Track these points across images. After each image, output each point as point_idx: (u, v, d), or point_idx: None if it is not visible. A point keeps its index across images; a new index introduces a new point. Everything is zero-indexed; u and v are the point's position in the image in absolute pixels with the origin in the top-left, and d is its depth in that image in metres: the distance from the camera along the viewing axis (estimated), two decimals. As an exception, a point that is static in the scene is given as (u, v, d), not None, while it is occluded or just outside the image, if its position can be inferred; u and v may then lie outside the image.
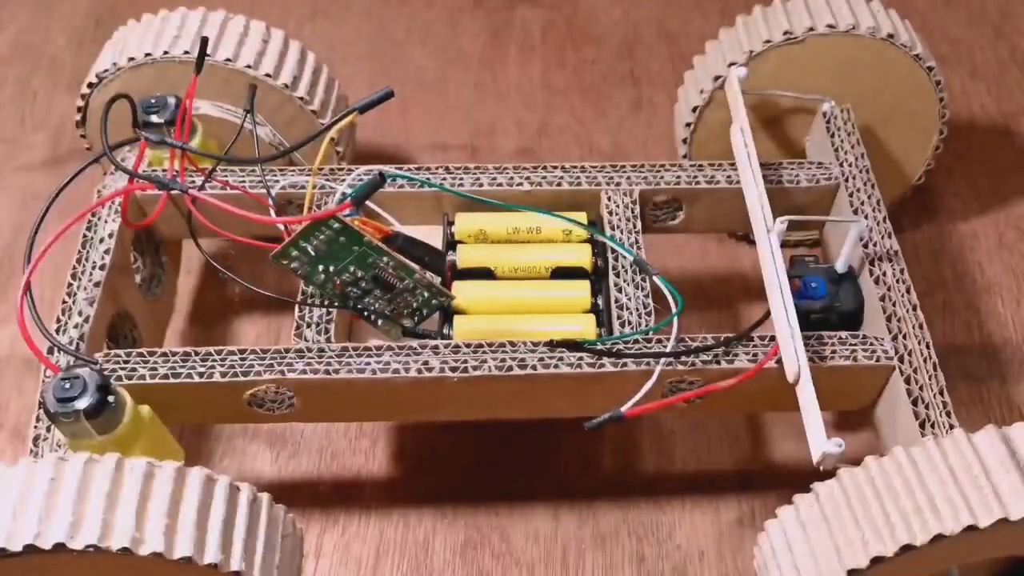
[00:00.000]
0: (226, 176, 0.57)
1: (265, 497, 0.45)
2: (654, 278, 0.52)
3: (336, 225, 0.47)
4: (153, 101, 0.58)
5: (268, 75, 0.61)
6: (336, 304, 0.51)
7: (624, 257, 0.54)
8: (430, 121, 0.83)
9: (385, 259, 0.49)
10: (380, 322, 0.51)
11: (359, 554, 0.58)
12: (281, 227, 0.50)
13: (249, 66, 0.61)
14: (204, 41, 0.54)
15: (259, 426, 0.63)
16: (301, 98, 0.63)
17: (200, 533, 0.41)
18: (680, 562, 0.57)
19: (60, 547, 0.39)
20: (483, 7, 0.93)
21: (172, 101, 0.58)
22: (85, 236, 0.55)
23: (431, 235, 0.56)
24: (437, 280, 0.52)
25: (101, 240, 0.55)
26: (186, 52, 0.61)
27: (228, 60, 0.61)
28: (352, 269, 0.49)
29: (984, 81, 0.83)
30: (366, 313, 0.51)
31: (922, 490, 0.41)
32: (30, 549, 0.39)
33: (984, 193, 0.76)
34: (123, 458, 0.42)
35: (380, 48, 0.89)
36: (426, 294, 0.51)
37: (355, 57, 0.88)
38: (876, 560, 0.40)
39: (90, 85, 0.63)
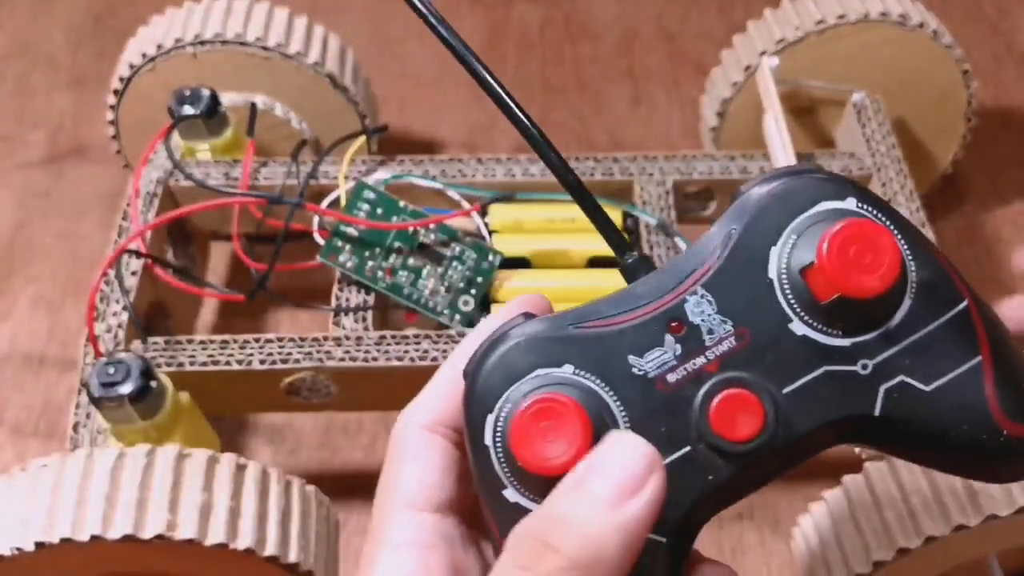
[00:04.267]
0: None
1: (313, 489, 0.45)
2: None
3: (371, 195, 0.48)
4: (188, 93, 0.56)
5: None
6: (390, 294, 0.51)
7: (659, 246, 0.54)
8: (428, 118, 0.83)
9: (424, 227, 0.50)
10: (443, 309, 0.51)
11: (359, 549, 0.57)
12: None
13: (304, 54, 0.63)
14: (253, 107, 0.56)
15: (259, 422, 0.62)
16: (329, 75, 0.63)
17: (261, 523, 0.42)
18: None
19: (127, 538, 0.39)
20: (481, 4, 0.93)
21: (206, 93, 0.57)
22: (121, 226, 0.54)
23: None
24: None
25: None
26: (217, 34, 0.61)
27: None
28: (397, 245, 0.49)
29: (981, 77, 0.84)
30: (421, 300, 0.51)
31: None
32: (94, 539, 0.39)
33: (980, 189, 0.77)
34: (185, 450, 0.42)
35: (378, 45, 0.89)
36: (475, 255, 0.51)
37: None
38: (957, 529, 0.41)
39: (121, 79, 0.62)
